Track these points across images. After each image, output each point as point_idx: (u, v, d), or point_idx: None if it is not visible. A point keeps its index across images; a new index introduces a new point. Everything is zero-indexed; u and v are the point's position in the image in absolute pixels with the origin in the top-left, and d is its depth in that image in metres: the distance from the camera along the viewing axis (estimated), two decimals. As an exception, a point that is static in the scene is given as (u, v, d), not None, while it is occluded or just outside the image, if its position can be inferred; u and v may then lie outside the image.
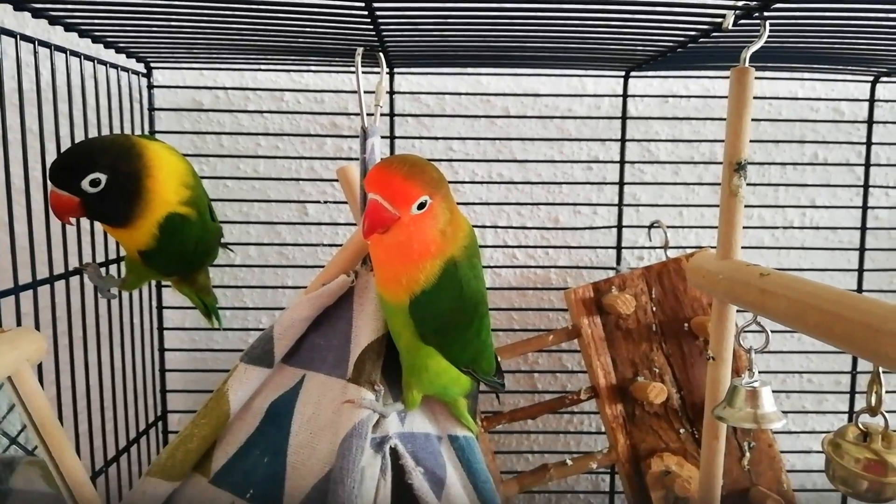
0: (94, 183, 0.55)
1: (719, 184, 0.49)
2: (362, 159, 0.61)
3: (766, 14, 0.48)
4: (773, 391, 0.46)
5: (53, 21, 0.60)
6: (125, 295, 0.76)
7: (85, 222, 0.66)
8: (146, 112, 0.81)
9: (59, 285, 0.63)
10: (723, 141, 0.48)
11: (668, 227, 0.77)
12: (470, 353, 0.57)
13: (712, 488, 0.52)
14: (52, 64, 0.62)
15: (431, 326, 0.52)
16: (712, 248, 0.75)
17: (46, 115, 0.60)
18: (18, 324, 0.57)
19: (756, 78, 0.47)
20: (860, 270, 0.87)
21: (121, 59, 0.75)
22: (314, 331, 0.60)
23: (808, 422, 0.94)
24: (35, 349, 0.50)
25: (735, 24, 0.50)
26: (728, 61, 0.71)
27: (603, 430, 0.78)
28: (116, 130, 0.74)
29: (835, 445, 0.35)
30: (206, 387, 0.85)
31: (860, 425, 0.35)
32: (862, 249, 0.86)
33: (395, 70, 0.81)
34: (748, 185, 0.48)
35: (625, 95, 0.83)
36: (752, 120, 0.47)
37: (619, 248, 0.86)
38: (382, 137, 0.76)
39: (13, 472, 0.52)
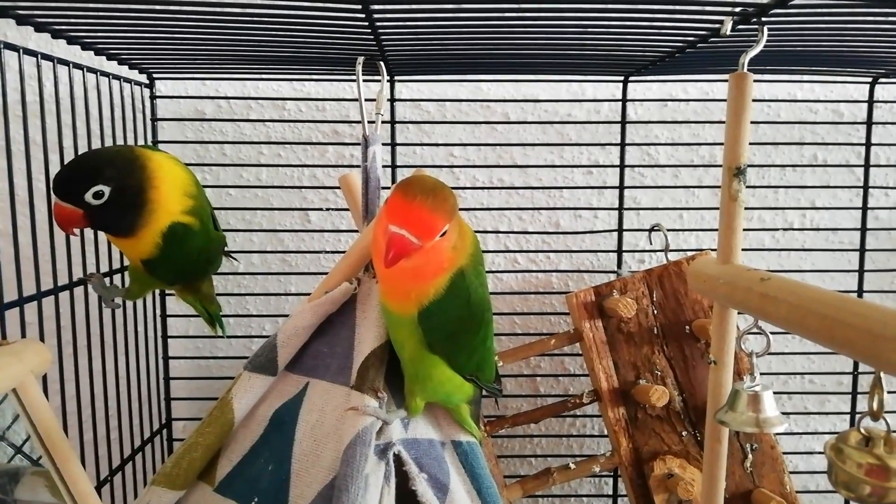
0: (98, 195, 0.55)
1: (719, 186, 0.49)
2: (364, 167, 0.62)
3: (763, 19, 0.49)
4: (775, 392, 0.46)
5: (56, 35, 0.60)
6: (129, 304, 0.77)
7: (88, 232, 0.67)
8: (149, 122, 0.82)
9: (64, 296, 0.63)
10: (722, 144, 0.48)
11: (669, 230, 0.77)
12: (475, 361, 0.57)
13: (715, 491, 0.52)
14: (55, 76, 0.62)
15: (440, 335, 0.52)
16: (713, 250, 0.75)
17: (50, 127, 0.60)
18: (23, 335, 0.57)
19: (755, 80, 0.47)
20: (861, 271, 0.87)
21: (123, 71, 0.75)
22: (317, 338, 0.61)
23: (811, 423, 0.94)
24: (40, 361, 0.50)
25: (733, 29, 0.50)
26: (727, 65, 0.71)
27: (605, 433, 0.78)
28: (120, 141, 0.74)
29: (837, 450, 0.35)
30: (211, 394, 0.85)
31: (862, 430, 0.35)
32: (862, 250, 0.86)
33: (396, 78, 0.82)
34: (748, 187, 0.48)
35: (624, 100, 0.83)
36: (751, 122, 0.47)
37: (619, 251, 0.86)
38: (384, 145, 0.77)
39: (18, 482, 0.52)
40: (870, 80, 0.84)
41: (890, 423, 0.35)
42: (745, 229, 0.49)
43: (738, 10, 0.49)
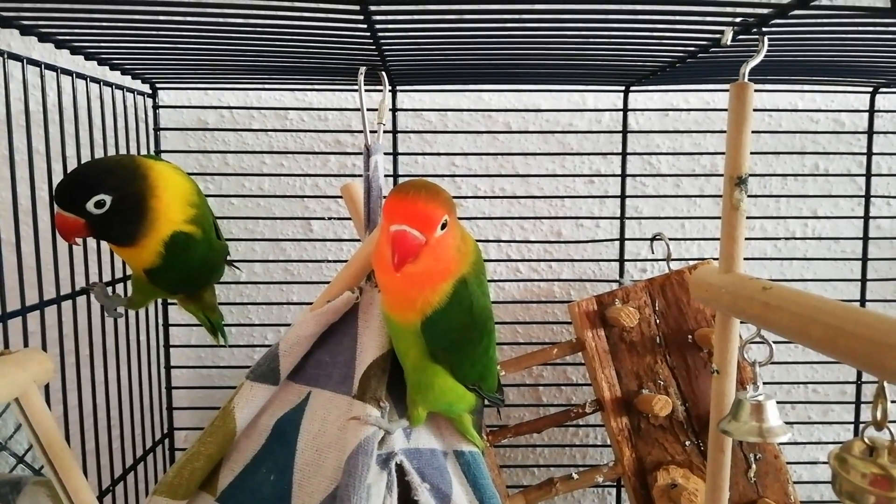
0: (99, 204, 0.55)
1: (721, 196, 0.49)
2: (366, 176, 0.62)
3: (764, 30, 0.49)
4: (779, 402, 0.46)
5: (59, 45, 0.60)
6: (132, 313, 0.77)
7: (91, 242, 0.67)
8: (152, 132, 0.82)
9: (66, 305, 0.63)
10: (724, 153, 0.48)
11: (671, 239, 0.77)
12: (478, 370, 0.57)
13: (719, 501, 0.52)
14: (58, 86, 0.63)
15: (442, 344, 0.52)
16: (715, 259, 0.75)
17: (53, 136, 0.61)
18: (26, 344, 0.57)
19: (756, 90, 0.47)
20: (863, 280, 0.87)
21: (126, 80, 0.76)
22: (319, 347, 0.61)
23: (814, 432, 0.93)
24: (42, 370, 0.50)
25: (734, 39, 0.50)
26: (728, 75, 0.72)
27: (608, 443, 0.78)
28: (122, 151, 0.74)
29: (841, 460, 0.35)
30: (213, 403, 0.85)
31: (866, 440, 0.35)
32: (864, 259, 0.86)
33: (398, 88, 0.82)
34: (749, 196, 0.48)
35: (625, 109, 0.83)
36: (753, 132, 0.47)
37: (621, 260, 0.86)
38: (386, 154, 0.77)
39: (20, 492, 0.52)
40: (870, 89, 0.84)
41: (894, 433, 0.35)
42: (746, 238, 0.49)
43: (738, 20, 0.49)
